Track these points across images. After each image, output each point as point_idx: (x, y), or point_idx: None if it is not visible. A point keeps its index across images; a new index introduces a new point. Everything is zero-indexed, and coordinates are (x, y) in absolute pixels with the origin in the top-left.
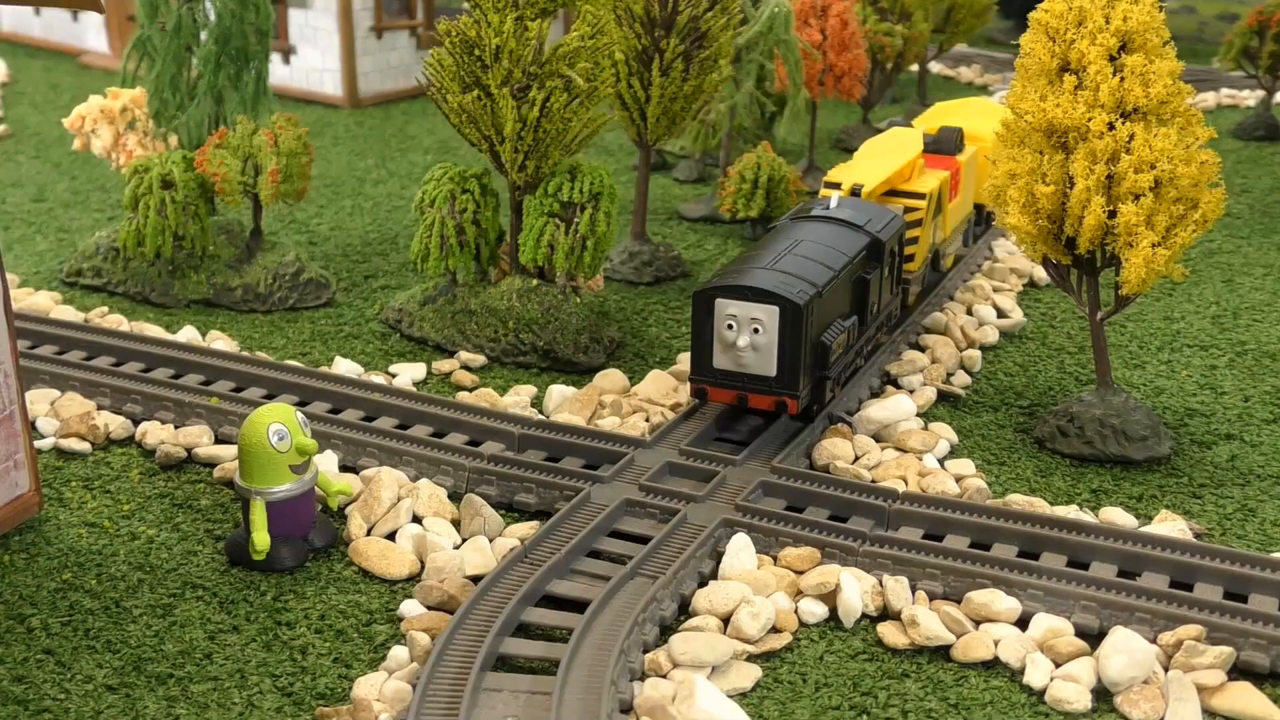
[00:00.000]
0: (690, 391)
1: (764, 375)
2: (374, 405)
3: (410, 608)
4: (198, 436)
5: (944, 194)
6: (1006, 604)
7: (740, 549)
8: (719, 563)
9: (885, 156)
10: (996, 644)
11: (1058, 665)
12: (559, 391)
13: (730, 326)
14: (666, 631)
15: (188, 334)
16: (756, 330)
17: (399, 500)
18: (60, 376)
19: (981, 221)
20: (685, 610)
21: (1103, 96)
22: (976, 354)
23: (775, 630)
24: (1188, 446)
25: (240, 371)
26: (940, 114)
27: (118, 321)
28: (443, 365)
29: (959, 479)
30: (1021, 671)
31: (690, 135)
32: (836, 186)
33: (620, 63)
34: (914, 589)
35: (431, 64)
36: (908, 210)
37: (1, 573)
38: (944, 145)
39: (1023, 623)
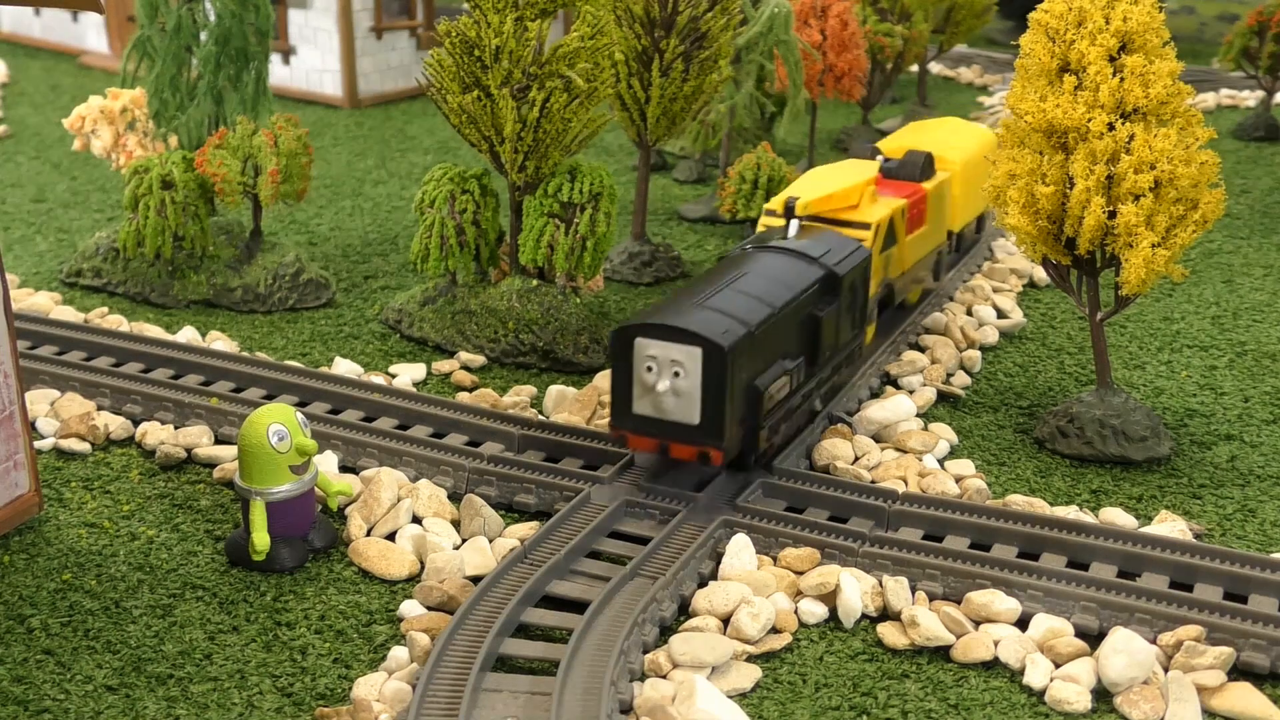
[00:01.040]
0: (611, 435)
1: (686, 423)
2: (374, 406)
3: (410, 608)
4: (198, 437)
5: (898, 224)
6: (1006, 604)
7: (740, 549)
8: (719, 563)
9: (831, 178)
10: (996, 644)
11: (1058, 665)
12: (559, 391)
13: (650, 369)
14: (666, 632)
15: (188, 334)
16: (677, 373)
17: (399, 501)
18: (60, 377)
19: (955, 249)
20: (685, 611)
21: (1103, 97)
22: (976, 354)
23: (775, 631)
24: (1188, 447)
25: (240, 372)
26: (915, 134)
27: (118, 322)
28: (443, 366)
29: (959, 479)
30: (1021, 672)
31: (690, 136)
32: (773, 214)
33: (620, 63)
34: (914, 589)
35: (431, 64)
36: None
37: (1, 573)
38: (908, 171)
39: (1023, 623)
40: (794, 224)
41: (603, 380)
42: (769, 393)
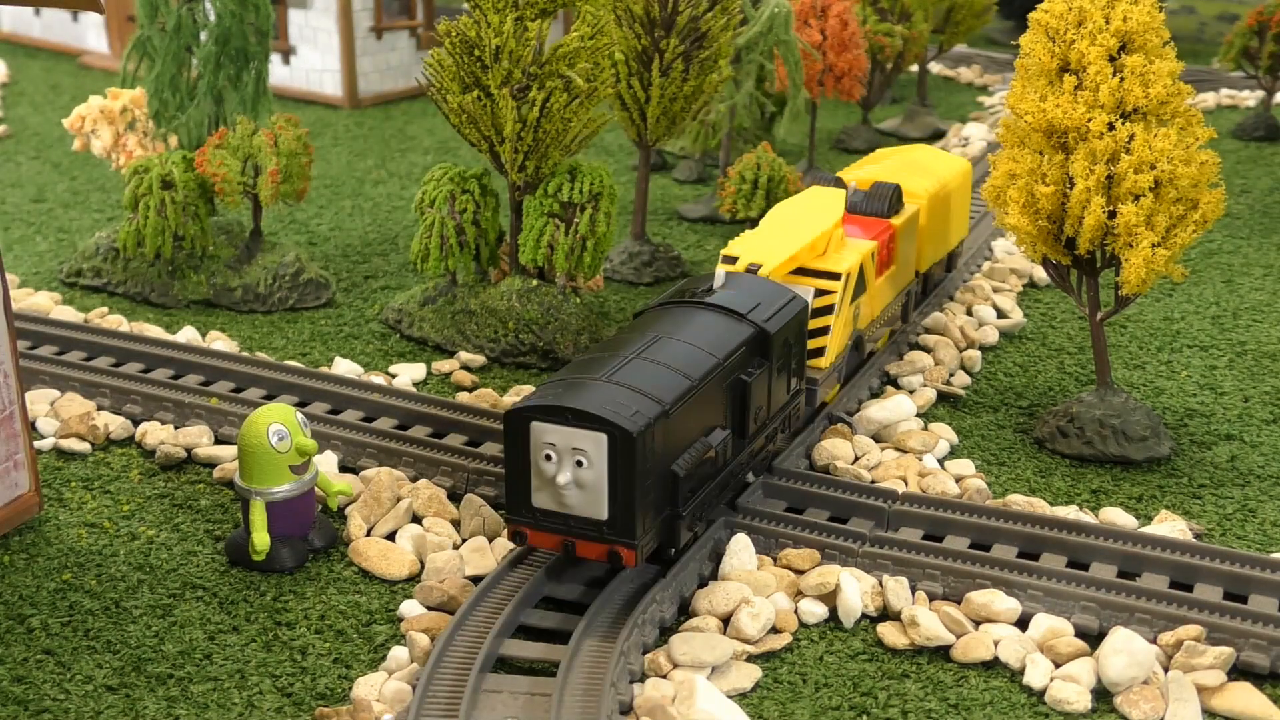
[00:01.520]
0: (507, 534)
1: (593, 518)
2: (374, 406)
3: (410, 608)
4: (197, 437)
5: (867, 270)
6: (1006, 604)
7: (740, 549)
8: (719, 563)
9: (796, 225)
10: (996, 644)
11: (1058, 665)
12: None
13: (549, 457)
14: (666, 632)
15: (188, 334)
16: (580, 463)
17: (399, 500)
18: (60, 377)
19: (928, 291)
20: (685, 611)
21: (1103, 97)
22: (976, 354)
23: (775, 630)
24: (1188, 447)
25: (240, 372)
26: (880, 162)
27: (118, 322)
28: (443, 365)
29: (959, 479)
30: (1021, 672)
31: (690, 136)
32: (733, 260)
33: (620, 63)
34: (914, 589)
35: (431, 64)
36: (819, 294)
37: (1, 573)
38: (876, 205)
39: (1023, 623)
40: (720, 273)
41: None
42: (688, 477)
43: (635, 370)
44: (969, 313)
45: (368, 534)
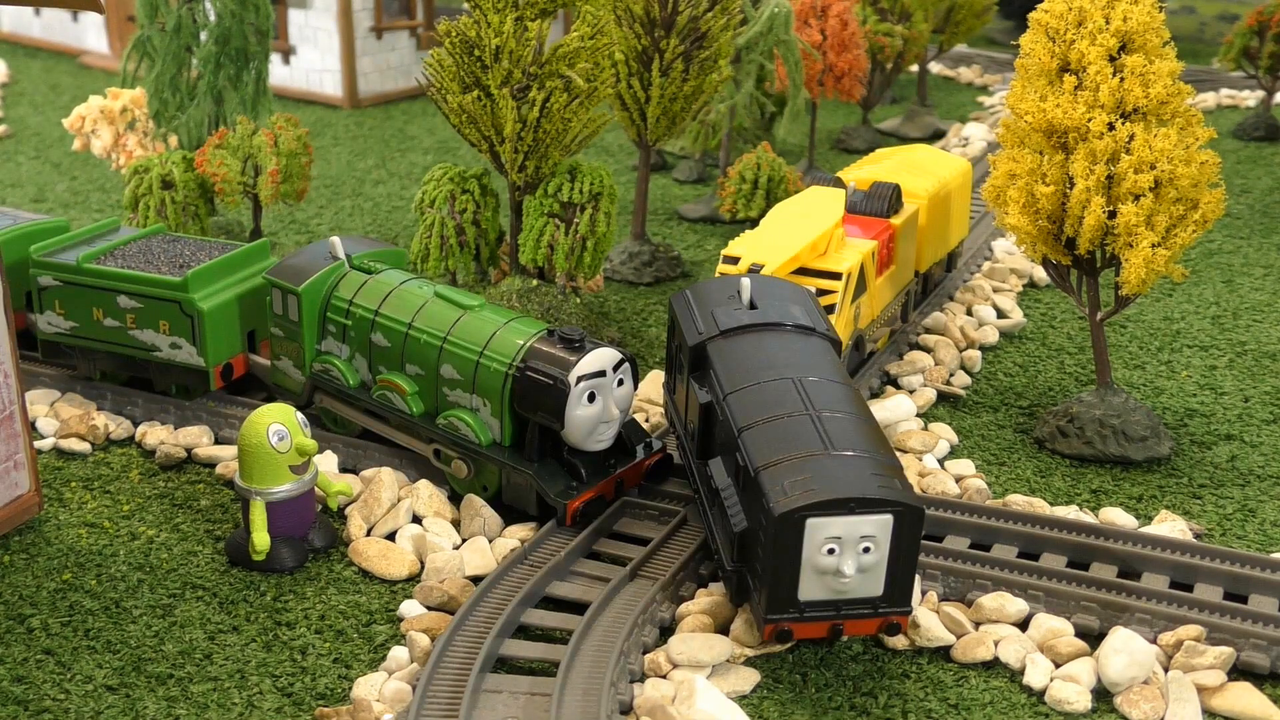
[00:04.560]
0: (767, 634)
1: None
2: None
3: (410, 608)
4: (197, 437)
5: (868, 270)
6: (1016, 605)
7: None
8: None
9: (797, 225)
10: (996, 644)
11: (1058, 665)
12: None
13: (832, 551)
14: (666, 632)
15: None
16: (867, 549)
17: (399, 500)
18: (61, 378)
19: (928, 291)
20: (684, 611)
21: (1103, 97)
22: (976, 354)
23: None
24: (1188, 446)
25: None
26: (880, 162)
27: None
28: None
29: (959, 479)
30: (1021, 672)
31: (690, 136)
32: (735, 261)
33: (620, 63)
34: None
35: (431, 64)
36: (820, 293)
37: (1, 573)
38: (875, 205)
39: (1023, 623)
40: (746, 286)
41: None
42: None
43: (837, 430)
44: (969, 313)
45: (368, 534)
